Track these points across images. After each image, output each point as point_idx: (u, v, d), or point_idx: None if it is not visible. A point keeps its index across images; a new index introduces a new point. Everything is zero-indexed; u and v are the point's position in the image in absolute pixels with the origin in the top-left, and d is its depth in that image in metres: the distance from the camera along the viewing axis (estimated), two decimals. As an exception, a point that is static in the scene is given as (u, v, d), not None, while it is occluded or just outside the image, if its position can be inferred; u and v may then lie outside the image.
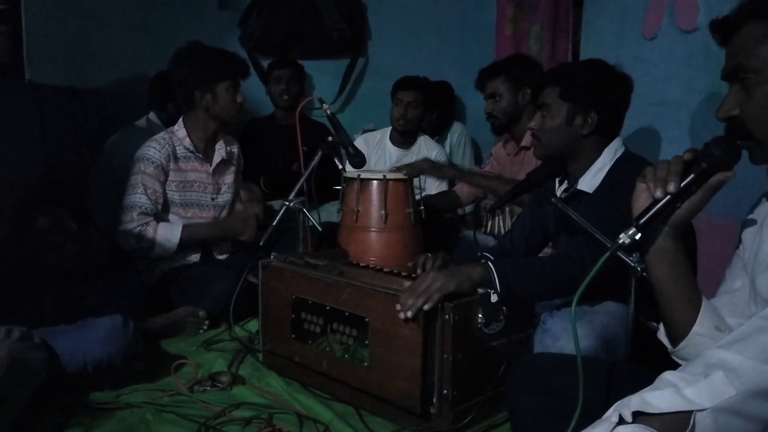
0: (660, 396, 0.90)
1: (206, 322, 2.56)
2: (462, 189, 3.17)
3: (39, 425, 1.74)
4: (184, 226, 2.74)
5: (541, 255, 2.25)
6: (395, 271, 2.03)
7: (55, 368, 1.82)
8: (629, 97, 1.98)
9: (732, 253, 1.27)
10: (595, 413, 0.98)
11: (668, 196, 1.10)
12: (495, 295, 1.74)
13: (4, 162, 2.70)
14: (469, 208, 3.67)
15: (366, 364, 1.82)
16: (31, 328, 1.82)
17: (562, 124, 1.94)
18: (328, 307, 1.92)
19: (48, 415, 1.79)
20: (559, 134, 1.95)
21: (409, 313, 1.66)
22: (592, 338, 1.75)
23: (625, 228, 1.12)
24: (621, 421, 0.91)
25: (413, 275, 1.97)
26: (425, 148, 3.63)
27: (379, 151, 3.67)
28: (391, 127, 3.67)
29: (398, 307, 1.68)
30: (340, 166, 2.69)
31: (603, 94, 1.91)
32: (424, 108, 3.59)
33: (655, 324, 1.33)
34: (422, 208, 2.65)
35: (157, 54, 3.55)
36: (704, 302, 1.15)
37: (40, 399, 1.77)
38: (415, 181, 2.73)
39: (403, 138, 3.63)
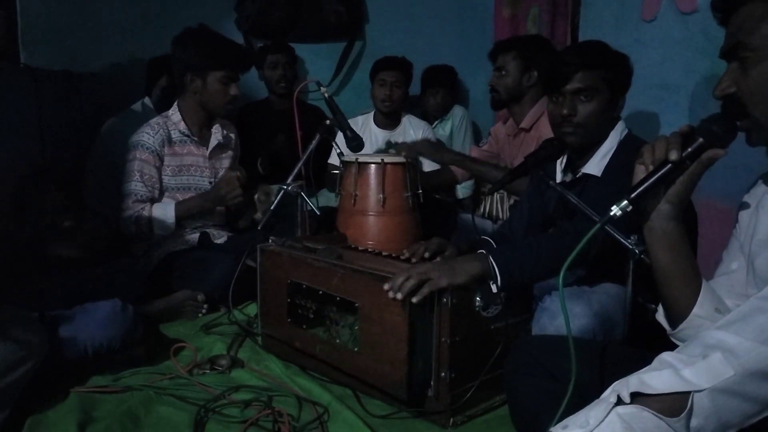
0: (658, 377, 0.91)
1: (205, 305, 2.56)
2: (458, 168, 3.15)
3: (39, 409, 1.74)
4: (177, 203, 2.74)
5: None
6: (393, 255, 2.03)
7: (54, 353, 1.82)
8: None
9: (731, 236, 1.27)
10: (591, 394, 0.99)
11: (662, 170, 1.10)
12: (495, 286, 1.72)
13: (2, 146, 2.69)
14: (466, 192, 3.67)
15: (356, 349, 1.81)
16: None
17: (606, 108, 1.88)
18: (320, 292, 1.91)
19: (48, 399, 1.79)
20: (602, 119, 1.89)
21: (399, 295, 1.61)
22: (589, 318, 1.75)
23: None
24: (619, 401, 0.91)
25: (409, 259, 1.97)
26: (411, 127, 3.61)
27: (365, 135, 3.65)
28: (373, 111, 3.64)
29: (386, 286, 1.64)
30: (338, 150, 2.67)
31: (630, 76, 1.93)
32: (406, 87, 3.59)
33: (653, 305, 1.33)
34: (420, 191, 2.64)
35: (153, 38, 3.53)
36: (704, 284, 1.15)
37: (40, 383, 1.77)
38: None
39: (388, 119, 3.60)
